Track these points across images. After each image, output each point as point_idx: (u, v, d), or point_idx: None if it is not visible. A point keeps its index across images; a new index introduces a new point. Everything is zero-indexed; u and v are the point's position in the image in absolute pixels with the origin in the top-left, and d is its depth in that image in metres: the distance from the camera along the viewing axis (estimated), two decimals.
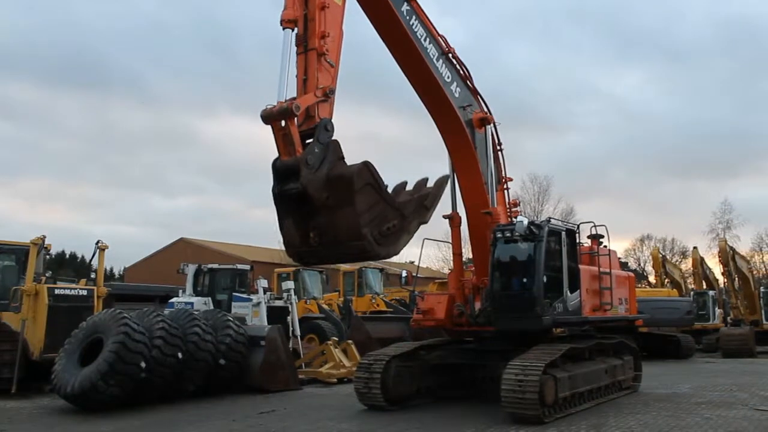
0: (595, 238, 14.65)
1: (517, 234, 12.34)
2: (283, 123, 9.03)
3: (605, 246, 14.75)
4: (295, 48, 9.76)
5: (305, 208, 8.92)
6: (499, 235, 12.74)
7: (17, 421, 11.94)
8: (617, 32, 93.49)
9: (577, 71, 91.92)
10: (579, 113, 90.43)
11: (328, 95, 9.51)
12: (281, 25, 9.63)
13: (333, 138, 9.13)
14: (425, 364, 13.68)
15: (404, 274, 18.46)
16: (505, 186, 14.58)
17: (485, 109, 13.92)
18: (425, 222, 9.64)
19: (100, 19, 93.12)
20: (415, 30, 12.15)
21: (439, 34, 12.82)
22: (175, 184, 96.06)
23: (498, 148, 14.34)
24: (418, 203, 9.63)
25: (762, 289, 32.54)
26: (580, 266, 13.35)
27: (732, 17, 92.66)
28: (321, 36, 9.77)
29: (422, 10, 12.37)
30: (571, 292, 12.80)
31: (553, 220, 13.46)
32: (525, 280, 12.47)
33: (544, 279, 12.17)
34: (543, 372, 10.98)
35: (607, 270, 14.21)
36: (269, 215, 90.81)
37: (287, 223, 9.13)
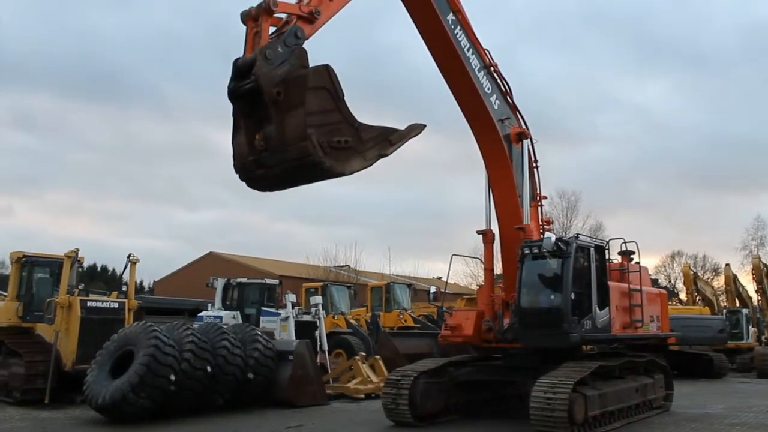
0: (626, 254, 14.53)
1: (544, 250, 12.30)
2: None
3: (636, 262, 14.60)
4: None
5: (259, 111, 8.38)
6: (527, 251, 12.70)
7: (50, 430, 12.14)
8: (639, 40, 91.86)
9: (598, 81, 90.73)
10: (602, 124, 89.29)
11: (313, 15, 9.09)
12: None
13: (302, 47, 8.64)
14: (453, 380, 13.61)
15: (432, 289, 18.41)
16: (539, 203, 14.57)
17: (523, 125, 14.02)
18: (385, 155, 8.85)
19: (115, 31, 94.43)
20: (459, 40, 12.51)
21: (483, 48, 13.13)
22: (197, 197, 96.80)
23: (534, 165, 14.38)
24: (381, 133, 8.82)
25: None
26: (610, 283, 13.22)
27: (759, 24, 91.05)
28: None
29: (468, 23, 12.74)
30: (600, 309, 12.67)
31: (581, 237, 13.38)
32: (552, 296, 12.43)
33: (572, 295, 12.09)
34: (572, 390, 10.88)
35: (638, 287, 14.06)
36: (292, 228, 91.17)
37: (239, 132, 8.67)
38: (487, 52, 13.21)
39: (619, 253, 14.71)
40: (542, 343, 12.50)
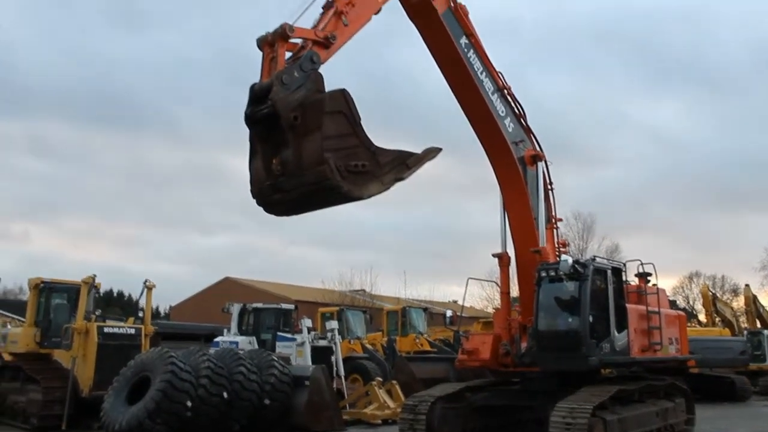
0: (643, 276, 14.39)
1: (561, 273, 12.23)
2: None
3: (654, 284, 14.47)
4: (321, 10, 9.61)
5: (275, 136, 8.41)
6: (544, 274, 12.64)
7: None
8: (649, 59, 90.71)
9: (610, 100, 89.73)
10: (615, 144, 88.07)
11: (329, 40, 9.15)
12: None
13: (318, 72, 8.73)
14: (471, 405, 13.48)
15: (449, 313, 18.32)
16: (554, 226, 14.52)
17: (537, 148, 14.04)
18: (402, 179, 8.80)
19: (129, 57, 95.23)
20: (473, 63, 12.65)
21: (496, 71, 13.22)
22: (211, 222, 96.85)
23: (549, 187, 14.39)
24: (398, 157, 8.76)
25: None
26: (628, 305, 13.10)
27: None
28: (347, 2, 9.65)
29: (481, 46, 12.88)
30: (619, 332, 12.55)
31: (598, 259, 13.31)
32: (570, 319, 12.34)
33: (590, 318, 12.00)
34: (592, 414, 10.74)
35: (656, 309, 13.91)
36: (307, 253, 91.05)
37: (256, 157, 8.70)
38: (500, 75, 13.31)
39: (636, 275, 14.59)
40: (561, 366, 12.39)
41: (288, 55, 8.93)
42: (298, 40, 9.04)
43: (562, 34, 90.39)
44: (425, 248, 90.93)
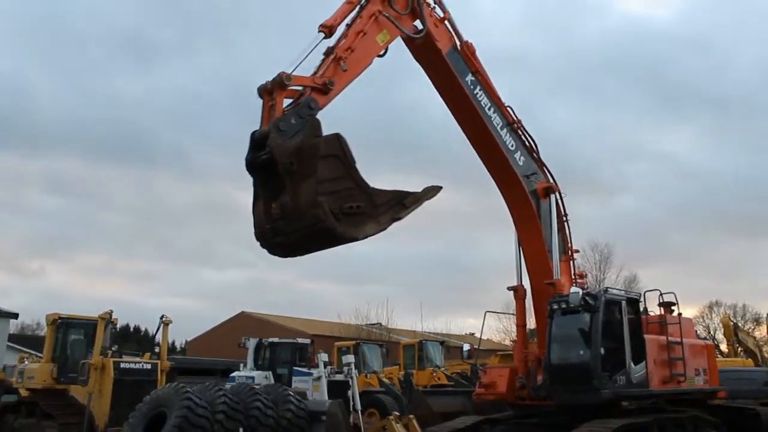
0: (666, 305, 14.21)
1: (571, 305, 12.15)
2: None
3: (678, 314, 14.25)
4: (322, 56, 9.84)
5: (274, 181, 8.62)
6: (555, 307, 12.57)
7: None
8: (661, 86, 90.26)
9: (623, 130, 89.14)
10: (630, 174, 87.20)
11: (327, 86, 9.37)
12: (318, 28, 9.83)
13: (316, 118, 8.91)
14: None
15: (466, 347, 18.21)
16: (571, 257, 14.44)
17: (551, 180, 14.01)
18: (399, 218, 8.93)
19: (142, 95, 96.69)
20: (480, 99, 12.66)
21: (505, 106, 13.21)
22: (225, 256, 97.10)
23: (564, 219, 14.34)
24: (395, 197, 8.90)
25: None
26: (646, 336, 12.93)
27: None
28: (347, 48, 9.91)
29: (488, 82, 12.88)
30: (636, 364, 12.38)
31: (611, 290, 13.22)
32: (582, 352, 12.22)
33: (602, 350, 11.87)
34: None
35: (678, 339, 13.66)
36: (323, 287, 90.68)
37: (258, 201, 8.92)
38: (509, 109, 13.32)
39: (659, 305, 14.40)
40: (573, 399, 12.26)
41: (290, 101, 9.17)
42: (299, 87, 9.27)
43: (572, 64, 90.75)
44: (441, 281, 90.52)
